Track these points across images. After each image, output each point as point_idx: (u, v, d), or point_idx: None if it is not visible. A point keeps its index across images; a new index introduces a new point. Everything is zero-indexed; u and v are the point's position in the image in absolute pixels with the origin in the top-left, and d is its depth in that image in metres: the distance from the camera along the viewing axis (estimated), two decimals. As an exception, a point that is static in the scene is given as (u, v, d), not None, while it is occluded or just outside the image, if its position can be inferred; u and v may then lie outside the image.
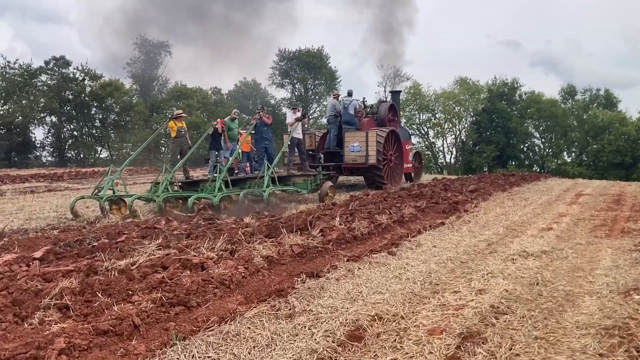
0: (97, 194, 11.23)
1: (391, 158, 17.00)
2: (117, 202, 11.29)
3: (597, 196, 13.09)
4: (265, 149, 14.45)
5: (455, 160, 54.44)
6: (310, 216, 8.16)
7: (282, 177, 12.95)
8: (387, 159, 16.65)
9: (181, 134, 14.33)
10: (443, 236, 7.67)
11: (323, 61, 58.98)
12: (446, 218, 9.15)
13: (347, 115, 16.89)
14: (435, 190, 12.92)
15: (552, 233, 7.84)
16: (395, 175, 17.34)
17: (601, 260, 6.07)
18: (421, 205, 9.88)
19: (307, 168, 14.63)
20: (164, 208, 10.77)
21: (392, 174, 17.05)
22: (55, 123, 55.04)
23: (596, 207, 10.83)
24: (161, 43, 59.39)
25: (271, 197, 11.11)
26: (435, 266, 5.86)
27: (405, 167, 18.51)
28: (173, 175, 12.09)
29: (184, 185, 12.76)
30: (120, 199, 11.31)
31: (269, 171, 11.65)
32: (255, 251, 5.91)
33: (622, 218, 9.31)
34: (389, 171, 16.79)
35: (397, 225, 8.23)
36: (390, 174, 16.86)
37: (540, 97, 51.35)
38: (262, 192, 11.00)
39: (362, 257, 6.12)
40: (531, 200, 12.10)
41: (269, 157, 13.83)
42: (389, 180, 16.53)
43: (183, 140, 14.33)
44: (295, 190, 12.91)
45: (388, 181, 16.41)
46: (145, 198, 11.57)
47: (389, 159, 16.82)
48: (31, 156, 54.75)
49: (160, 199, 10.75)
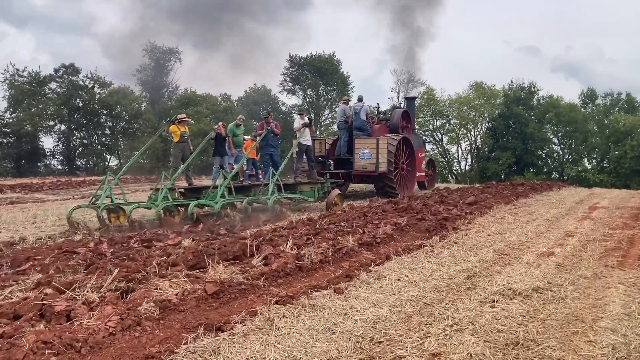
0: (95, 203, 10.74)
1: (403, 166, 16.48)
2: (116, 210, 10.90)
3: (613, 210, 11.50)
4: (271, 155, 14.03)
5: (470, 167, 52.63)
6: (260, 239, 6.82)
7: (288, 184, 12.70)
8: (398, 167, 16.14)
9: (184, 139, 13.74)
10: (415, 264, 6.26)
11: (335, 67, 57.72)
12: (428, 238, 7.73)
13: (358, 120, 16.37)
14: (428, 202, 11.48)
15: (552, 260, 6.38)
16: (407, 183, 16.84)
17: (609, 305, 4.62)
18: (402, 223, 8.46)
19: (314, 176, 14.26)
20: (164, 217, 10.29)
21: (403, 182, 16.56)
22: (65, 131, 54.66)
23: (611, 224, 9.29)
24: (171, 49, 58.80)
25: (276, 205, 10.90)
26: (388, 312, 4.47)
27: (418, 175, 18.06)
28: (174, 182, 11.65)
29: (185, 192, 12.29)
30: (118, 208, 10.93)
31: (274, 178, 11.43)
32: (156, 291, 4.58)
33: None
34: (400, 179, 16.29)
35: (364, 249, 6.84)
36: (401, 183, 16.37)
37: (559, 102, 49.34)
38: (266, 199, 10.70)
39: (297, 297, 4.75)
40: (537, 214, 10.59)
41: (274, 164, 13.47)
42: (400, 189, 16.02)
43: (185, 145, 13.77)
44: (302, 198, 12.63)
45: (399, 190, 15.92)
46: (144, 207, 11.10)
47: (400, 167, 16.30)
48: (40, 165, 54.46)
49: (159, 208, 10.24)
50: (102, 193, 11.04)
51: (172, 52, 58.88)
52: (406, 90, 56.67)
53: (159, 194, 11.02)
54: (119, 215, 10.83)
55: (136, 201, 12.26)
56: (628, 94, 51.29)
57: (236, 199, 10.99)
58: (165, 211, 10.48)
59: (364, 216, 9.40)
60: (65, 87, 53.21)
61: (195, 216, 10.15)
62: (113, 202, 11.02)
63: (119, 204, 11.11)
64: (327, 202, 12.28)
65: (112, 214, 10.81)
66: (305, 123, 14.45)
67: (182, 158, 13.52)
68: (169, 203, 10.69)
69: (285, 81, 58.57)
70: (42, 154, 54.03)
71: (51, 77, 52.83)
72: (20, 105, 50.46)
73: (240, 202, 10.86)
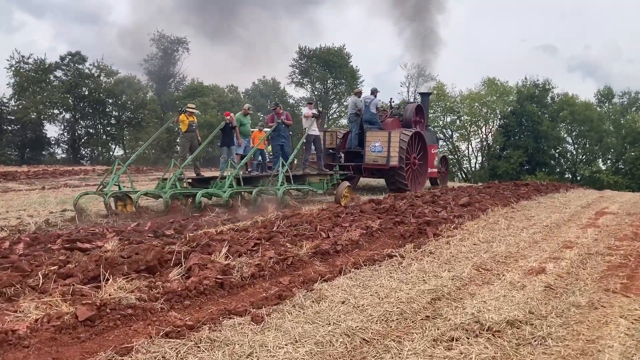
0: (102, 190, 10.67)
1: (415, 161, 16.31)
2: (123, 198, 10.79)
3: (623, 216, 10.26)
4: (282, 146, 14.01)
5: (481, 165, 51.16)
6: (193, 243, 5.74)
7: (297, 175, 12.64)
8: (410, 162, 16.00)
9: (192, 128, 13.71)
10: (373, 280, 5.15)
11: (344, 60, 56.41)
12: (400, 247, 6.61)
13: (368, 113, 16.28)
14: (416, 203, 10.33)
15: (541, 280, 5.24)
16: (418, 179, 16.69)
17: (604, 351, 3.49)
18: (374, 227, 7.33)
19: (321, 167, 14.15)
20: (171, 205, 10.24)
21: (414, 177, 16.38)
22: (70, 120, 54.07)
23: (618, 234, 8.08)
24: (179, 39, 57.85)
25: (285, 196, 10.86)
26: (307, 354, 3.38)
27: (430, 171, 17.80)
28: (182, 172, 11.60)
29: (193, 182, 12.26)
30: (125, 195, 10.82)
31: (283, 169, 11.36)
32: (13, 314, 3.54)
33: (653, 254, 6.63)
34: (411, 174, 16.11)
35: (317, 260, 5.74)
36: (413, 178, 16.20)
37: (574, 100, 47.67)
38: (275, 190, 10.63)
39: (197, 328, 3.68)
40: (535, 219, 9.39)
41: (285, 155, 13.33)
42: (411, 184, 15.87)
43: (193, 135, 13.77)
44: (311, 190, 12.61)
45: (410, 185, 15.77)
46: (151, 194, 11.07)
47: (412, 161, 16.14)
48: (45, 153, 53.96)
49: (167, 195, 10.24)
50: (110, 180, 10.97)
51: (180, 42, 57.93)
52: (417, 84, 55.37)
53: (167, 182, 11.04)
54: (126, 204, 10.72)
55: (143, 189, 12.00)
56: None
57: (245, 189, 10.96)
58: (173, 199, 10.45)
59: (336, 217, 8.28)
60: (71, 75, 52.57)
61: (203, 205, 10.17)
62: (121, 190, 10.97)
63: (127, 191, 10.98)
64: (336, 195, 12.05)
65: (120, 202, 10.73)
66: (315, 113, 14.26)
67: (190, 148, 13.49)
68: (177, 191, 10.71)
69: (294, 73, 57.48)
70: (47, 142, 53.54)
71: (57, 65, 52.24)
72: (25, 92, 49.80)
73: (248, 192, 10.79)
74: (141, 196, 10.63)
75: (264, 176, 12.40)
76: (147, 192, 11.02)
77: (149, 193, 11.07)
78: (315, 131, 14.27)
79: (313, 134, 14.14)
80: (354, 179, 17.21)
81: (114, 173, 11.27)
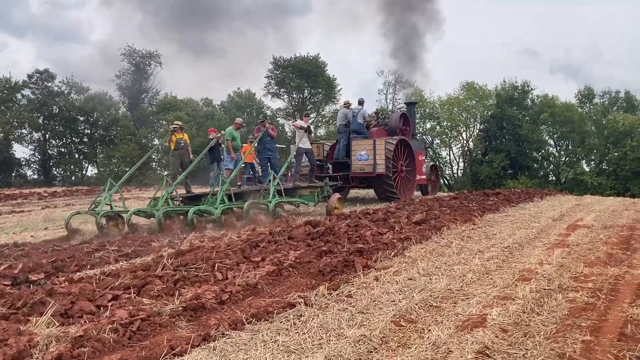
0: (94, 210, 10.76)
1: (402, 168, 16.35)
2: (114, 217, 10.93)
3: (598, 230, 8.89)
4: (269, 159, 14.15)
5: (463, 172, 49.99)
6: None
7: (287, 188, 12.61)
8: (397, 170, 16.01)
9: (180, 145, 13.68)
10: (246, 351, 3.74)
11: (320, 69, 55.12)
12: (314, 288, 5.21)
13: (355, 124, 16.35)
14: (362, 223, 8.93)
15: (475, 339, 3.84)
16: (406, 186, 16.73)
17: None
18: (289, 260, 5.91)
19: (312, 179, 14.19)
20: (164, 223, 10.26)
21: (403, 185, 16.45)
22: (40, 139, 52.38)
23: (589, 256, 6.69)
24: (150, 53, 56.27)
25: (277, 209, 10.94)
26: None
27: (419, 178, 17.89)
28: (174, 189, 11.68)
29: (185, 199, 12.38)
30: (117, 215, 10.93)
31: (274, 182, 11.40)
32: None
33: (630, 287, 5.25)
34: (399, 182, 16.16)
35: (186, 318, 4.31)
36: (401, 186, 16.26)
37: (555, 101, 46.72)
38: (267, 203, 10.74)
39: None
40: (496, 239, 8.01)
41: (273, 168, 13.49)
42: (400, 192, 15.91)
43: (183, 152, 13.74)
44: (302, 203, 12.58)
45: (400, 193, 15.80)
46: (143, 212, 11.09)
47: (399, 169, 16.16)
48: (15, 174, 52.17)
49: (159, 213, 10.30)
50: (102, 200, 11.05)
51: (152, 56, 56.34)
52: (394, 91, 54.32)
53: (160, 199, 11.10)
54: (117, 223, 10.83)
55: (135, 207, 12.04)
56: (627, 92, 48.64)
57: (236, 205, 10.92)
58: (165, 217, 10.46)
59: (252, 248, 6.86)
60: (40, 93, 50.95)
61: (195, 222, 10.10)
62: (112, 210, 11.04)
63: (118, 211, 11.07)
64: (328, 207, 12.08)
65: (111, 221, 10.84)
66: (303, 126, 14.24)
67: (180, 165, 13.42)
68: (169, 209, 10.75)
69: (270, 84, 56.11)
70: (17, 163, 51.75)
71: (24, 84, 50.57)
72: (-10, 113, 48.11)
73: (240, 208, 10.73)
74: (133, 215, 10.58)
75: (255, 190, 12.38)
76: (139, 211, 11.03)
77: (141, 211, 11.06)
78: (306, 144, 14.24)
79: (304, 147, 14.09)
80: (345, 190, 17.20)
81: (106, 192, 11.30)
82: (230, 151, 14.84)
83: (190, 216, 9.98)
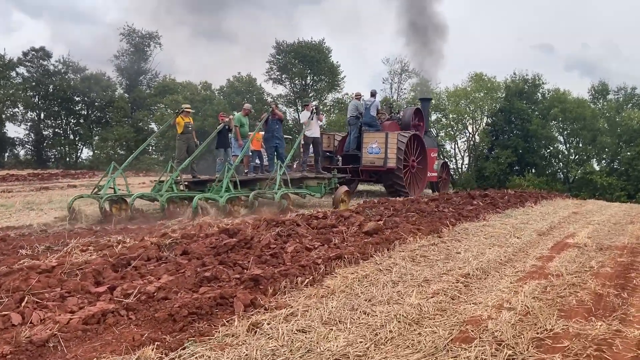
0: (97, 193, 10.68)
1: (413, 164, 16.15)
2: (118, 201, 10.82)
3: (592, 252, 7.01)
4: (276, 147, 13.78)
5: (468, 167, 47.90)
6: None
7: (294, 179, 12.35)
8: (408, 165, 15.85)
9: (188, 129, 13.52)
10: None
11: (324, 55, 53.05)
12: (136, 349, 3.48)
13: (368, 116, 16.05)
14: (298, 231, 7.17)
15: None
16: (417, 183, 16.57)
17: None
18: (109, 309, 4.18)
19: (319, 170, 13.91)
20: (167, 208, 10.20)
21: (413, 181, 16.28)
22: (34, 119, 51.01)
23: (571, 298, 4.86)
24: (150, 34, 54.59)
25: (283, 200, 10.68)
26: None
27: (430, 175, 17.66)
28: (179, 174, 11.62)
29: (190, 184, 12.33)
30: (121, 199, 10.84)
31: (280, 171, 11.25)
32: None
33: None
34: (410, 178, 16.00)
35: None
36: (412, 182, 16.09)
37: (566, 96, 44.46)
38: (273, 193, 10.52)
39: None
40: (458, 260, 6.21)
41: (280, 156, 13.34)
42: (410, 188, 15.73)
43: (190, 136, 13.57)
44: (308, 194, 12.40)
45: (410, 189, 15.60)
46: (147, 197, 11.03)
47: (410, 164, 15.97)
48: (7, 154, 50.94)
49: (163, 198, 10.22)
50: (106, 184, 10.94)
51: (152, 37, 54.63)
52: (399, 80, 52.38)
53: (164, 184, 11.03)
54: (121, 207, 10.69)
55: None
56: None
57: (241, 193, 10.78)
58: (169, 202, 10.36)
59: (125, 266, 5.14)
60: (35, 72, 49.49)
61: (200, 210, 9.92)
62: (116, 193, 10.88)
63: (122, 195, 10.93)
64: (334, 199, 11.86)
65: (115, 205, 10.72)
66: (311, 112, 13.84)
67: (187, 149, 13.24)
68: (173, 194, 10.65)
69: (272, 70, 54.19)
70: (10, 142, 50.44)
71: (19, 61, 49.07)
72: (-17, 91, 46.74)
73: (245, 196, 10.57)
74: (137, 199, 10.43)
75: (261, 179, 12.21)
76: (143, 195, 10.96)
77: (144, 196, 10.99)
78: (314, 133, 13.85)
79: (312, 135, 13.74)
80: (353, 183, 16.96)
81: (109, 175, 11.17)
82: (238, 138, 14.44)
83: (195, 204, 9.76)
